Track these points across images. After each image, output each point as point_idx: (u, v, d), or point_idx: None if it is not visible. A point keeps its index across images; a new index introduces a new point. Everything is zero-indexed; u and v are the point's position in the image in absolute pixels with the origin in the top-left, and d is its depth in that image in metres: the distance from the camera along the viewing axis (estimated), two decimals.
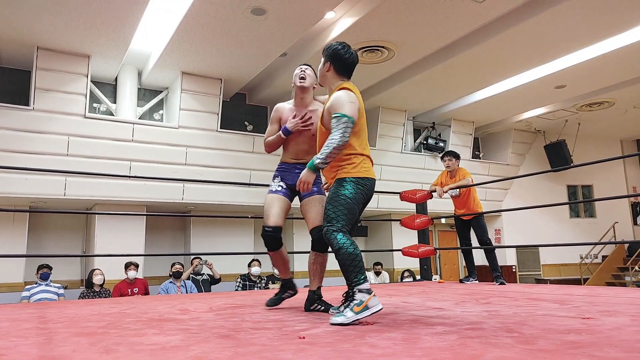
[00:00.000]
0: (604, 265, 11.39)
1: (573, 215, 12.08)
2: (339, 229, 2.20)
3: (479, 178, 7.88)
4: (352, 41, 6.43)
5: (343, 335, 1.80)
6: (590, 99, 9.03)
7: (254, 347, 1.60)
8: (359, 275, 2.12)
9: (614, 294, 3.33)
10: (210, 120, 7.70)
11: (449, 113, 9.84)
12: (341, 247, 2.14)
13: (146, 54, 7.26)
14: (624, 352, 1.40)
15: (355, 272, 2.12)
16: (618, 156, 6.74)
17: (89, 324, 2.27)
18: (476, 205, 5.07)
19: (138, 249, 7.40)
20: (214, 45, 6.54)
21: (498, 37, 6.48)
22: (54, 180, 6.62)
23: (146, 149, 7.21)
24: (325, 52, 2.48)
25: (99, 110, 7.56)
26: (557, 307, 2.58)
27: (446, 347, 1.54)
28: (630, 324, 1.93)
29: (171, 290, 5.94)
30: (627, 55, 7.09)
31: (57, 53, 6.55)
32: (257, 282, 6.49)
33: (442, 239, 11.43)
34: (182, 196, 7.52)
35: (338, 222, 2.21)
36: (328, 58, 2.46)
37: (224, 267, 7.21)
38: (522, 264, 11.25)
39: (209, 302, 3.25)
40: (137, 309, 2.90)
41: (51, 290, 5.65)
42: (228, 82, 7.79)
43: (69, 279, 7.69)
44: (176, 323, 2.24)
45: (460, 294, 3.54)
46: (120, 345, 1.67)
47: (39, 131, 6.48)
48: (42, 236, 7.76)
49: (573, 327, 1.88)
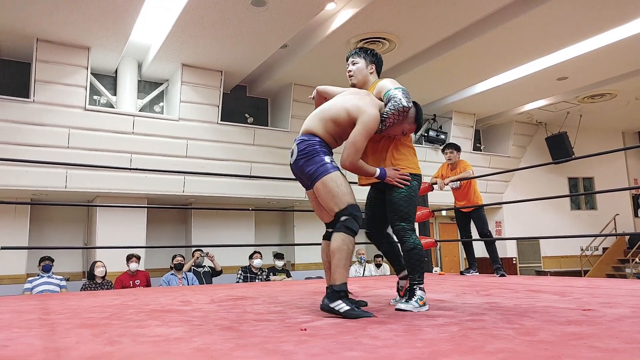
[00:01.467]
0: (604, 257, 11.41)
1: (574, 207, 12.08)
2: (413, 228, 2.38)
3: (480, 170, 7.87)
4: (352, 32, 6.41)
5: (344, 327, 1.81)
6: (592, 90, 8.99)
7: (256, 339, 1.60)
8: (422, 275, 2.37)
9: (614, 285, 3.34)
10: (210, 112, 7.69)
11: (450, 105, 9.81)
12: (416, 247, 2.35)
13: (146, 45, 7.23)
14: (624, 343, 1.41)
15: (420, 272, 2.36)
16: (619, 148, 6.69)
17: (92, 315, 2.28)
18: (477, 197, 5.08)
19: (139, 241, 7.43)
20: (214, 37, 6.51)
21: (499, 29, 6.44)
22: (55, 173, 6.63)
23: (147, 141, 7.21)
24: (368, 54, 2.59)
25: (99, 103, 7.54)
26: (557, 298, 2.59)
27: (447, 338, 1.55)
28: (630, 315, 1.94)
29: (172, 282, 5.97)
30: (629, 47, 7.05)
31: (57, 45, 6.52)
32: (258, 274, 6.51)
33: (442, 231, 11.45)
34: (183, 189, 7.53)
35: (411, 220, 2.39)
36: (373, 61, 2.60)
37: (225, 259, 7.23)
38: (522, 255, 11.27)
39: (210, 294, 3.27)
40: (139, 301, 2.91)
41: (53, 282, 5.67)
42: (228, 74, 7.76)
43: (70, 271, 7.72)
44: (178, 314, 2.26)
45: (461, 286, 3.55)
46: (124, 336, 1.68)
47: (40, 124, 6.48)
48: (43, 228, 7.78)
49: (573, 318, 1.89)
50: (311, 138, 2.33)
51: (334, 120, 2.33)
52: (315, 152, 2.29)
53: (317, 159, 2.27)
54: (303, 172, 2.31)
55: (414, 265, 2.36)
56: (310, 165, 2.27)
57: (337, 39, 6.54)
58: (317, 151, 2.29)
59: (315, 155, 2.28)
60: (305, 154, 2.30)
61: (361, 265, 7.62)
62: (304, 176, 2.34)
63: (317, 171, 2.25)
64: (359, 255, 7.64)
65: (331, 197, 2.23)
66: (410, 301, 2.27)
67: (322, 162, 2.26)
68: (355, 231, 2.20)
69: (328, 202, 2.25)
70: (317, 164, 2.26)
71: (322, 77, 7.67)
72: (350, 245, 2.17)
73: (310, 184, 2.32)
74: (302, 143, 2.33)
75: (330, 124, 2.33)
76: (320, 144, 2.31)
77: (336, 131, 2.35)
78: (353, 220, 2.19)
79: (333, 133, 2.35)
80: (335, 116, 2.33)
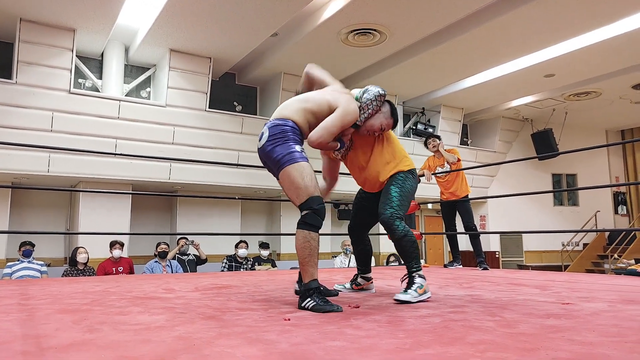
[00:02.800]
0: (584, 253, 11.63)
1: (557, 203, 12.27)
2: (402, 217, 2.33)
3: (466, 164, 7.90)
4: (344, 23, 6.37)
5: (328, 318, 1.82)
6: (578, 88, 9.09)
7: (239, 328, 1.60)
8: (418, 262, 2.33)
9: (593, 280, 3.41)
10: (198, 99, 7.61)
11: (438, 99, 9.84)
12: (406, 234, 2.30)
13: (133, 29, 7.10)
14: (601, 336, 1.44)
15: (416, 259, 2.32)
16: (601, 145, 6.81)
17: (73, 301, 2.25)
18: (465, 186, 5.16)
19: (123, 227, 7.36)
20: (204, 23, 6.42)
21: (489, 24, 6.46)
22: (37, 157, 6.51)
23: (132, 126, 7.11)
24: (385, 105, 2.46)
25: (84, 86, 7.41)
26: (538, 292, 2.63)
27: (429, 329, 1.57)
28: (607, 309, 1.98)
29: (156, 269, 5.93)
30: (615, 46, 7.13)
31: (41, 26, 6.37)
32: (243, 264, 6.50)
33: (427, 224, 11.54)
34: (169, 176, 7.46)
35: (401, 209, 2.35)
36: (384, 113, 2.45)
37: (210, 247, 7.20)
38: (505, 250, 11.43)
39: (194, 282, 3.25)
40: (122, 288, 2.89)
41: (34, 267, 5.59)
42: (217, 61, 7.67)
43: (52, 256, 7.62)
44: (161, 302, 2.24)
45: (445, 279, 3.59)
46: (104, 324, 1.67)
47: (22, 106, 6.34)
48: (25, 213, 7.65)
49: (553, 312, 1.92)
50: (286, 123, 2.21)
51: (314, 112, 2.26)
52: (287, 138, 2.17)
53: (285, 146, 2.15)
54: (270, 157, 2.19)
55: (408, 253, 2.31)
56: (278, 151, 2.15)
57: (328, 29, 6.50)
58: (289, 137, 2.17)
59: (285, 142, 2.16)
60: (274, 139, 2.17)
61: (347, 256, 7.65)
62: (270, 162, 2.21)
63: (284, 158, 2.13)
64: (344, 246, 7.66)
65: (294, 189, 2.12)
66: (408, 290, 2.21)
67: (290, 150, 2.14)
68: (317, 225, 2.09)
69: (290, 193, 2.15)
70: (285, 151, 2.14)
71: None
72: (313, 241, 2.07)
73: (276, 170, 2.19)
74: (274, 127, 2.20)
75: (309, 115, 2.25)
76: (294, 131, 2.20)
77: (315, 123, 2.25)
78: (314, 214, 2.08)
79: (311, 124, 2.26)
80: (316, 108, 2.26)
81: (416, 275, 2.28)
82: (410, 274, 2.30)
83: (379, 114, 2.39)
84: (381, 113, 2.40)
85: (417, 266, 2.31)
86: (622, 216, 12.46)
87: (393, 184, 2.41)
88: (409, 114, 10.53)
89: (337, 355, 1.22)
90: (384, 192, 2.42)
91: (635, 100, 9.85)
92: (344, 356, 1.22)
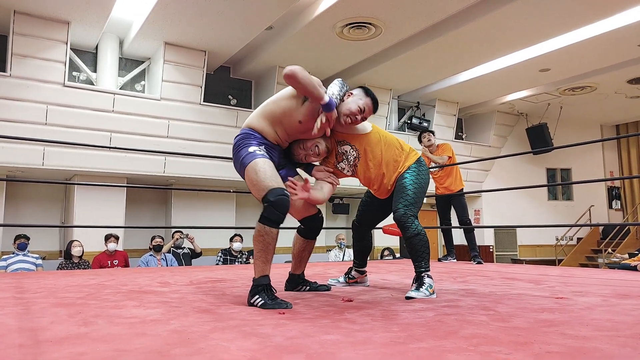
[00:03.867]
0: (578, 247, 11.70)
1: (551, 197, 12.32)
2: (416, 215, 2.32)
3: (461, 159, 7.92)
4: (339, 16, 6.34)
5: (323, 312, 1.82)
6: (573, 83, 9.11)
7: (233, 322, 1.61)
8: (428, 263, 2.31)
9: (587, 275, 3.43)
10: (193, 92, 7.57)
11: (433, 93, 9.84)
12: (419, 233, 2.28)
13: (128, 22, 7.05)
14: (594, 330, 1.45)
15: (427, 259, 2.31)
16: (595, 139, 6.84)
17: (68, 295, 2.25)
18: (459, 180, 5.20)
19: (118, 221, 7.34)
20: (198, 16, 6.38)
21: (485, 18, 6.46)
22: (32, 150, 6.47)
23: (127, 120, 7.07)
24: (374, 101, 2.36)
25: (78, 79, 7.35)
26: (531, 286, 2.65)
27: (423, 323, 1.58)
28: (600, 304, 2.00)
29: (151, 263, 5.93)
30: (610, 40, 7.14)
31: (35, 18, 6.31)
32: (238, 257, 6.51)
33: (422, 218, 11.41)
34: (164, 169, 7.44)
35: (416, 208, 2.33)
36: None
37: (205, 241, 7.20)
38: (499, 244, 11.49)
39: (189, 276, 3.25)
40: (117, 281, 2.89)
41: (29, 260, 5.58)
42: (212, 54, 7.63)
43: (47, 249, 7.60)
44: (156, 296, 2.24)
45: (439, 272, 3.60)
46: (100, 317, 1.67)
47: (16, 98, 6.29)
48: (19, 206, 7.62)
49: (547, 306, 1.93)
50: (243, 131, 2.21)
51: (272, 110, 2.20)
52: (243, 145, 2.15)
53: (242, 151, 2.13)
54: (236, 168, 2.18)
55: (419, 253, 2.29)
56: (237, 160, 2.16)
57: (324, 22, 6.47)
58: (245, 143, 2.15)
59: (241, 149, 2.14)
60: (236, 150, 2.18)
61: (341, 250, 7.67)
62: (239, 173, 2.19)
63: (241, 166, 2.12)
64: (338, 240, 7.68)
65: (252, 187, 2.08)
66: (420, 289, 2.21)
67: (245, 153, 2.11)
68: (275, 220, 1.98)
69: (253, 193, 2.10)
70: (241, 156, 2.12)
71: (307, 60, 7.61)
72: (267, 236, 1.98)
73: (243, 178, 2.16)
74: (236, 140, 2.21)
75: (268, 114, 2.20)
76: (249, 136, 2.17)
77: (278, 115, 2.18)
78: (271, 208, 1.97)
79: (274, 120, 2.19)
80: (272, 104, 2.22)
81: (425, 275, 2.27)
82: (420, 274, 2.29)
83: (351, 97, 2.29)
84: (353, 96, 2.30)
85: (426, 267, 2.29)
86: (616, 211, 12.54)
87: (406, 177, 2.36)
88: (404, 108, 10.53)
89: (331, 349, 1.23)
90: (399, 187, 2.37)
91: (631, 95, 9.88)
92: (339, 349, 1.23)
